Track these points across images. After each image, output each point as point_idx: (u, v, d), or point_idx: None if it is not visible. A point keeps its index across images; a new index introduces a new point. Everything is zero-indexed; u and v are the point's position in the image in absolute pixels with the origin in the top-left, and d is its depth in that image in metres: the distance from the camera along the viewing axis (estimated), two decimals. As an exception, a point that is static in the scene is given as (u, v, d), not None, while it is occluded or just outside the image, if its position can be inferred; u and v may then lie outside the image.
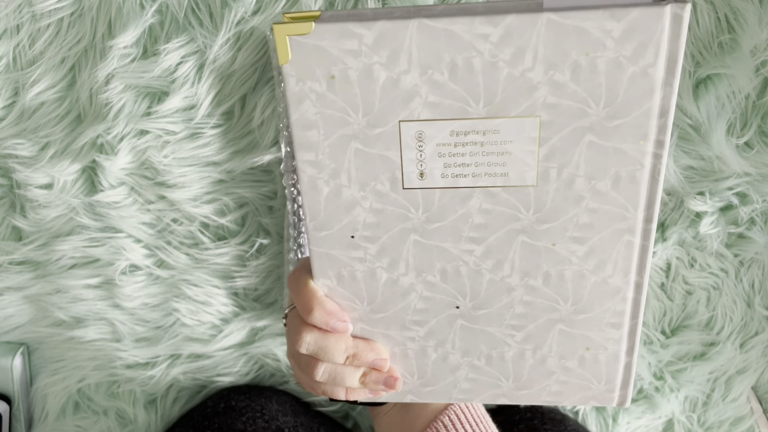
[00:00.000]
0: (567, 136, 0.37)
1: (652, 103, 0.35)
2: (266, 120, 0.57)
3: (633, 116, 0.36)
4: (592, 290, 0.41)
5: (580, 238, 0.40)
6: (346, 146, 0.38)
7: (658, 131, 0.36)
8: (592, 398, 0.46)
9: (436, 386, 0.46)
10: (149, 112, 0.58)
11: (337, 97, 0.37)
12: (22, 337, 0.69)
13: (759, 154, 0.59)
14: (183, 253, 0.64)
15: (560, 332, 0.43)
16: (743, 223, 0.63)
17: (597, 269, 0.41)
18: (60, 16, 0.55)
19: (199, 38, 0.55)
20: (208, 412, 0.66)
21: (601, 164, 0.37)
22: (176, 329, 0.67)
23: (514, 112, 0.36)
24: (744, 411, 0.73)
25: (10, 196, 0.63)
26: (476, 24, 0.34)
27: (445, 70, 0.35)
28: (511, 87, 0.35)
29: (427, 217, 0.40)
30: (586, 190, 0.38)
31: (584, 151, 0.37)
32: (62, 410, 0.72)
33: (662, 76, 0.35)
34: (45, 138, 0.59)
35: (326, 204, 0.40)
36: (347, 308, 0.43)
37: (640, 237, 0.39)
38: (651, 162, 0.37)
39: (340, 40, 0.35)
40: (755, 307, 0.68)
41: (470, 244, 0.41)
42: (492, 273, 0.42)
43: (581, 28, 0.34)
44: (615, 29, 0.33)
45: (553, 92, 0.35)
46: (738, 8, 0.53)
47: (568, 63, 0.35)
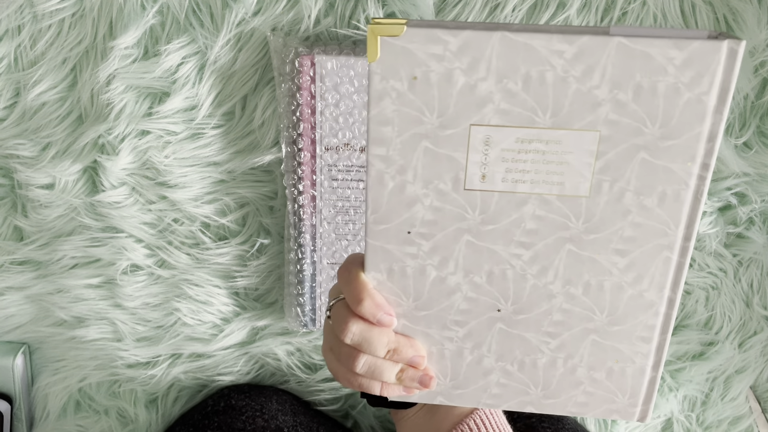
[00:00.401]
0: (622, 152, 0.39)
1: (703, 128, 0.38)
2: (267, 120, 0.58)
3: (684, 138, 0.38)
4: (628, 303, 0.43)
5: (622, 251, 0.41)
6: (417, 144, 0.40)
7: (705, 154, 0.39)
8: (615, 411, 0.47)
9: (467, 389, 0.47)
10: (150, 113, 0.58)
11: (416, 97, 0.39)
12: (24, 337, 0.69)
13: (758, 154, 0.59)
14: (184, 252, 0.64)
15: (593, 343, 0.45)
16: (742, 223, 0.64)
17: (635, 282, 0.42)
18: (61, 16, 0.55)
19: (200, 39, 0.55)
20: (208, 411, 0.66)
21: (650, 181, 0.39)
22: (177, 329, 0.67)
23: (578, 125, 0.39)
24: (743, 410, 0.73)
25: (12, 196, 0.63)
26: (554, 41, 0.37)
27: (520, 80, 0.38)
28: (577, 101, 0.38)
29: (483, 218, 0.42)
30: (634, 205, 0.40)
31: (636, 168, 0.39)
32: (63, 410, 0.72)
33: (714, 103, 0.37)
34: (46, 138, 0.59)
35: (389, 198, 0.41)
36: (393, 303, 0.44)
37: (678, 254, 0.41)
38: (695, 183, 0.39)
39: (427, 44, 0.38)
40: (754, 306, 0.68)
41: (520, 248, 0.42)
42: (536, 279, 0.43)
43: (647, 54, 0.37)
44: (677, 57, 0.37)
45: (615, 110, 0.38)
46: (737, 9, 0.53)
47: (632, 84, 0.37)
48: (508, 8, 0.53)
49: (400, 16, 0.53)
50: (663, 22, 0.54)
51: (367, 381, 0.44)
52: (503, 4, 0.53)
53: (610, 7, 0.54)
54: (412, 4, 0.52)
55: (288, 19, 0.54)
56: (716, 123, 0.38)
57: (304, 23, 0.54)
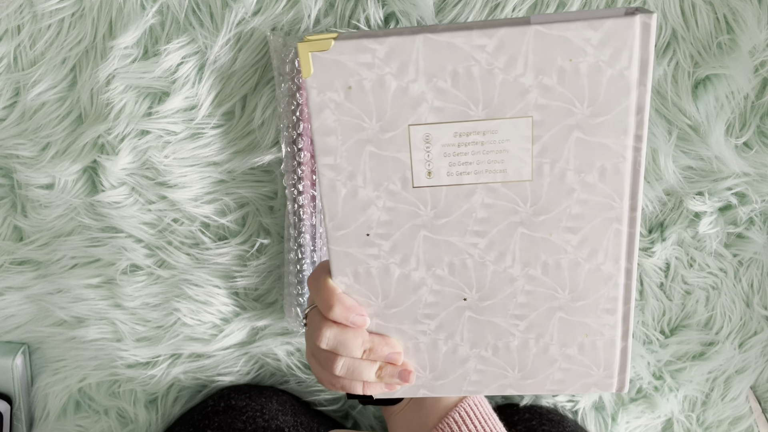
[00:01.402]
0: (557, 134, 0.41)
1: (629, 102, 0.40)
2: (267, 120, 0.58)
3: (613, 114, 0.40)
4: (587, 277, 0.44)
5: (573, 228, 0.43)
6: (362, 150, 0.42)
7: (636, 126, 0.40)
8: (593, 385, 0.48)
9: (447, 379, 0.48)
10: (150, 113, 0.58)
11: (354, 105, 0.41)
12: (24, 337, 0.69)
13: (758, 154, 0.59)
14: (184, 253, 0.64)
15: (560, 320, 0.46)
16: (742, 223, 0.64)
17: (590, 257, 0.44)
18: (61, 16, 0.55)
19: (200, 39, 0.55)
20: (208, 411, 0.66)
21: (588, 158, 0.41)
22: (177, 329, 0.67)
23: (510, 113, 0.40)
24: (743, 410, 0.73)
25: (12, 196, 0.63)
26: (474, 36, 0.39)
27: (448, 77, 0.39)
28: (506, 91, 0.40)
29: (435, 213, 0.43)
30: (577, 183, 0.42)
31: (573, 147, 0.41)
32: (63, 410, 0.72)
33: (636, 77, 0.39)
34: (46, 138, 0.59)
35: (344, 204, 0.43)
36: (364, 304, 0.45)
37: (627, 225, 0.43)
38: (632, 155, 0.41)
39: (356, 54, 0.39)
40: (754, 306, 0.68)
41: (475, 237, 0.44)
42: (495, 264, 0.44)
43: (564, 38, 0.38)
44: (593, 37, 0.38)
45: (543, 94, 0.40)
46: (737, 9, 0.53)
47: (555, 68, 0.39)
48: (508, 8, 0.53)
49: (400, 16, 0.53)
50: (663, 22, 0.54)
51: (348, 382, 0.45)
52: (503, 4, 0.53)
53: (609, 7, 0.54)
54: (412, 4, 0.52)
55: (288, 18, 0.54)
56: (641, 95, 0.39)
57: (304, 23, 0.54)
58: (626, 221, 0.43)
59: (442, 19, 0.53)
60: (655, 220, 0.64)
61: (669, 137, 0.58)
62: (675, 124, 0.58)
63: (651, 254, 0.64)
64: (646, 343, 0.69)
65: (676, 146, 0.59)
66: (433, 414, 0.49)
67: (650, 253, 0.64)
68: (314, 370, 0.47)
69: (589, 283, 0.45)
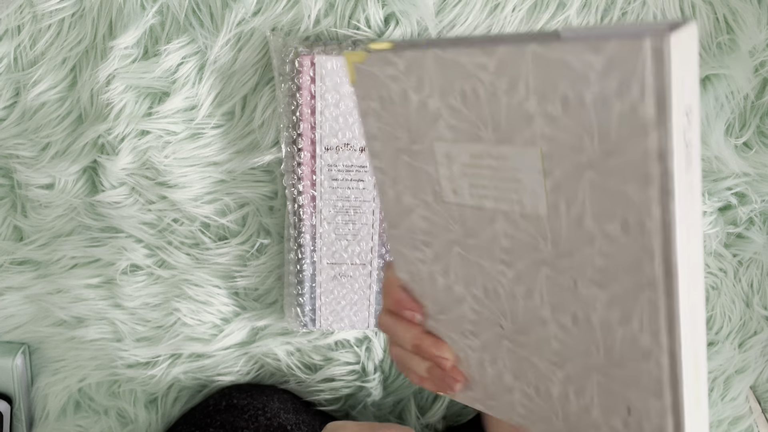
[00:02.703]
0: (569, 170, 0.34)
1: (648, 144, 0.32)
2: (267, 120, 0.58)
3: (629, 156, 0.32)
4: (622, 344, 0.37)
5: (600, 282, 0.36)
6: (398, 158, 0.41)
7: (661, 176, 0.31)
8: None
9: (498, 402, 0.45)
10: (150, 113, 0.58)
11: (388, 115, 0.40)
12: (23, 337, 0.69)
13: (758, 154, 0.59)
14: (184, 253, 0.64)
15: (598, 383, 0.39)
16: (742, 223, 0.64)
17: (623, 322, 0.36)
18: (61, 16, 0.55)
19: (200, 39, 0.55)
20: (209, 410, 0.66)
21: (606, 205, 0.34)
22: (177, 329, 0.67)
23: (518, 140, 0.35)
24: (743, 410, 0.73)
25: (12, 196, 0.63)
26: (474, 54, 0.34)
27: (458, 96, 0.36)
28: (511, 116, 0.35)
29: (464, 232, 0.40)
30: (597, 231, 0.35)
31: (587, 189, 0.34)
32: (63, 410, 0.72)
33: (653, 114, 0.31)
34: (46, 138, 0.59)
35: (392, 206, 0.43)
36: (420, 304, 0.45)
37: (663, 293, 0.35)
38: (659, 212, 0.32)
39: (384, 67, 0.39)
40: (754, 306, 0.68)
41: (502, 265, 0.40)
42: (525, 300, 0.40)
43: (564, 61, 0.32)
44: (596, 62, 0.31)
45: (548, 124, 0.34)
46: (737, 9, 0.53)
47: (558, 95, 0.33)
48: (508, 8, 0.53)
49: (400, 16, 0.53)
50: (663, 22, 0.54)
51: (404, 369, 0.47)
52: (503, 4, 0.53)
53: (610, 7, 0.54)
54: (412, 4, 0.52)
55: (288, 19, 0.54)
56: (663, 137, 0.31)
57: (304, 23, 0.54)
58: (662, 289, 0.34)
59: (443, 19, 0.53)
60: (655, 220, 0.64)
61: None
62: (675, 124, 0.58)
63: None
64: (646, 343, 0.69)
65: (676, 146, 0.59)
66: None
67: (650, 253, 0.64)
68: None
69: (626, 352, 0.37)
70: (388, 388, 0.71)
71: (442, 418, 0.72)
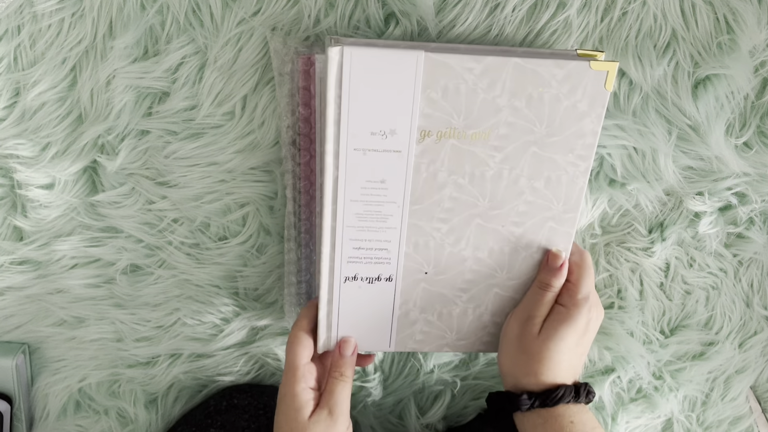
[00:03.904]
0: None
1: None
2: (267, 120, 0.58)
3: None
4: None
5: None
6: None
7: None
8: None
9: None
10: (150, 113, 0.58)
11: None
12: (24, 337, 0.69)
13: (758, 154, 0.59)
14: (184, 253, 0.64)
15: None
16: (742, 223, 0.64)
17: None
18: (61, 16, 0.55)
19: (200, 39, 0.55)
20: (210, 411, 0.66)
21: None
22: (177, 329, 0.67)
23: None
24: (743, 410, 0.73)
25: (12, 196, 0.63)
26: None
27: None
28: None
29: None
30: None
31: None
32: (63, 410, 0.72)
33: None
34: (46, 138, 0.59)
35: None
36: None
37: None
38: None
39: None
40: (754, 306, 0.68)
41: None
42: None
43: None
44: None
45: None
46: (737, 9, 0.53)
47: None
48: (508, 8, 0.53)
49: (400, 16, 0.53)
50: (663, 22, 0.54)
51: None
52: (503, 4, 0.53)
53: (610, 7, 0.54)
54: (412, 4, 0.52)
55: (288, 18, 0.54)
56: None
57: (304, 23, 0.54)
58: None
59: (443, 19, 0.53)
60: (655, 220, 0.64)
61: (669, 137, 0.58)
62: (675, 124, 0.58)
63: (651, 254, 0.64)
64: (646, 342, 0.69)
65: (676, 146, 0.59)
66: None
67: (650, 253, 0.64)
68: None
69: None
70: (388, 388, 0.71)
71: (442, 418, 0.72)
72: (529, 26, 0.54)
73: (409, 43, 0.51)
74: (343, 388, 0.53)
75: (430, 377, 0.71)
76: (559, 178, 0.52)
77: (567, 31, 0.54)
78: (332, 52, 0.46)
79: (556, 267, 0.55)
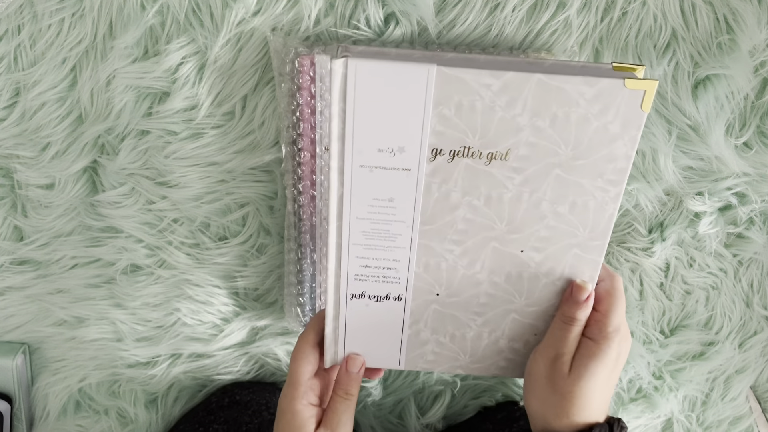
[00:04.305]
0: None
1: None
2: (267, 120, 0.58)
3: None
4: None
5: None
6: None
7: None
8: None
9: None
10: (150, 113, 0.58)
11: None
12: (24, 337, 0.69)
13: (758, 154, 0.59)
14: (184, 253, 0.64)
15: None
16: (742, 223, 0.64)
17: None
18: (61, 16, 0.55)
19: (200, 39, 0.55)
20: (212, 407, 0.66)
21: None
22: (177, 329, 0.67)
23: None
24: (743, 410, 0.73)
25: (12, 196, 0.63)
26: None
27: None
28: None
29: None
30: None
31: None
32: (63, 409, 0.72)
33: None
34: (46, 138, 0.59)
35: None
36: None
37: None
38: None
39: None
40: (754, 306, 0.68)
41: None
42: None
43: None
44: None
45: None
46: (737, 9, 0.53)
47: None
48: (508, 8, 0.53)
49: (400, 16, 0.53)
50: (663, 22, 0.54)
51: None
52: (503, 5, 0.53)
53: (610, 7, 0.54)
54: (412, 4, 0.52)
55: (288, 19, 0.54)
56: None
57: (304, 23, 0.54)
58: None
59: (443, 19, 0.53)
60: (655, 220, 0.64)
61: (669, 137, 0.58)
62: (675, 124, 0.58)
63: (651, 254, 0.64)
64: (646, 342, 0.69)
65: (676, 146, 0.59)
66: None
67: (650, 253, 0.64)
68: None
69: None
70: (388, 388, 0.72)
71: (442, 418, 0.72)
72: (529, 26, 0.54)
73: (422, 54, 0.48)
74: (347, 408, 0.52)
75: (430, 377, 0.71)
76: (586, 204, 0.48)
77: (567, 31, 0.54)
78: (336, 65, 0.43)
79: (582, 300, 0.51)
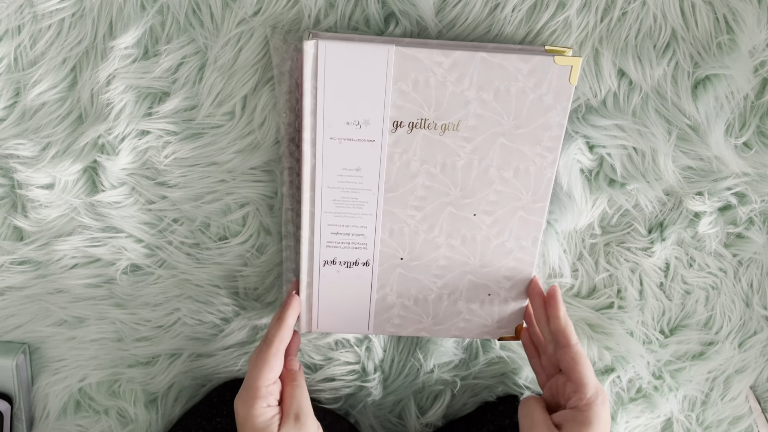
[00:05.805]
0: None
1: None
2: (267, 120, 0.58)
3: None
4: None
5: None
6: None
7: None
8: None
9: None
10: (150, 113, 0.58)
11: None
12: (24, 337, 0.69)
13: (757, 154, 0.59)
14: (184, 253, 0.64)
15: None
16: (742, 223, 0.64)
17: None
18: (61, 16, 0.55)
19: (200, 39, 0.55)
20: (214, 402, 0.66)
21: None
22: (177, 329, 0.67)
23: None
24: (742, 410, 0.73)
25: (12, 197, 0.63)
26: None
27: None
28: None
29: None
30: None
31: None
32: (63, 409, 0.72)
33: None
34: (46, 138, 0.59)
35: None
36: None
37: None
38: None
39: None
40: (754, 306, 0.68)
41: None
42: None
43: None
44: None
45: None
46: (737, 9, 0.53)
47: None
48: (508, 8, 0.53)
49: (400, 16, 0.53)
50: (663, 22, 0.54)
51: None
52: (503, 4, 0.53)
53: (610, 7, 0.54)
54: (412, 4, 0.52)
55: (288, 18, 0.54)
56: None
57: (304, 23, 0.54)
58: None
59: (443, 18, 0.53)
60: (654, 220, 0.64)
61: (669, 137, 0.58)
62: (675, 124, 0.58)
63: (651, 254, 0.64)
64: (645, 342, 0.69)
65: (676, 146, 0.59)
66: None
67: (650, 253, 0.64)
68: None
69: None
70: (388, 388, 0.72)
71: (441, 417, 0.72)
72: (528, 26, 0.54)
73: (383, 38, 0.53)
74: (302, 392, 0.54)
75: (430, 377, 0.71)
76: (527, 169, 0.54)
77: (567, 31, 0.54)
78: (308, 46, 0.48)
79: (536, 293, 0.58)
